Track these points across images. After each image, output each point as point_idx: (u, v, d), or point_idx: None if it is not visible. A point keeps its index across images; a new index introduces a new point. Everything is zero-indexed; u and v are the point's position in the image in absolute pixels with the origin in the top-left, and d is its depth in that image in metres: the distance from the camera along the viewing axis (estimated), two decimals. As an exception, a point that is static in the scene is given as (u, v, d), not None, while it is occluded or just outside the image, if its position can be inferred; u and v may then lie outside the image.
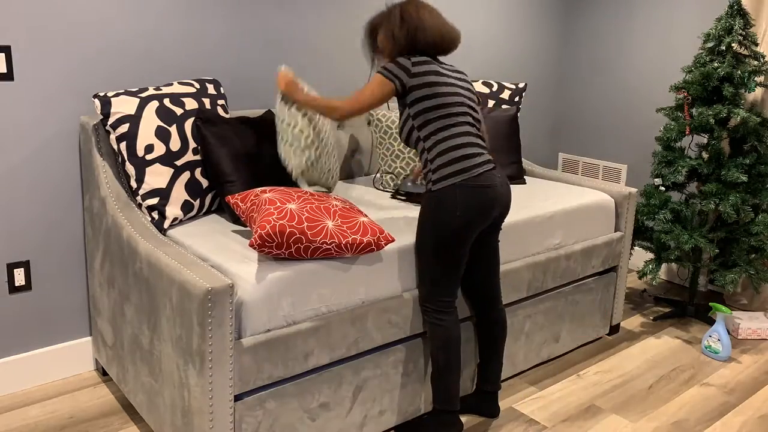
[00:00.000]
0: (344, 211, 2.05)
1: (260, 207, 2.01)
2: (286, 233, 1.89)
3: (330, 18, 3.09)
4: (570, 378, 2.72)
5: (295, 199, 2.02)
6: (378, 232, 2.03)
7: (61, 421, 2.33)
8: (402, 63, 2.10)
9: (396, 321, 2.17)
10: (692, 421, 2.44)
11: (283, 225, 1.89)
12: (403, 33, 2.14)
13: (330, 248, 1.96)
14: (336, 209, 2.05)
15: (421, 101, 2.09)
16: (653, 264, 3.18)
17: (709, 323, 3.27)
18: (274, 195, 2.04)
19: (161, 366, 1.99)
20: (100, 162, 2.34)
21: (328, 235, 1.95)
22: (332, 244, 1.95)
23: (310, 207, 2.00)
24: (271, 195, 2.05)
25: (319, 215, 1.98)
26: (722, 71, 2.99)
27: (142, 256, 2.02)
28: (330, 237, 1.95)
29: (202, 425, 1.81)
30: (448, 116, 2.09)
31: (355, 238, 1.98)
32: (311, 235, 1.92)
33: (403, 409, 2.28)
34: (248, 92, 2.90)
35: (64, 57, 2.41)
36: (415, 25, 2.13)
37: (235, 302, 1.83)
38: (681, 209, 3.16)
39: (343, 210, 2.06)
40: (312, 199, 2.06)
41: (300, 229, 1.91)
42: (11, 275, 2.44)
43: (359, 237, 1.99)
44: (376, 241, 2.02)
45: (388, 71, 2.11)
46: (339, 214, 2.02)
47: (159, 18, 2.59)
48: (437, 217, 2.07)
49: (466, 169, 2.06)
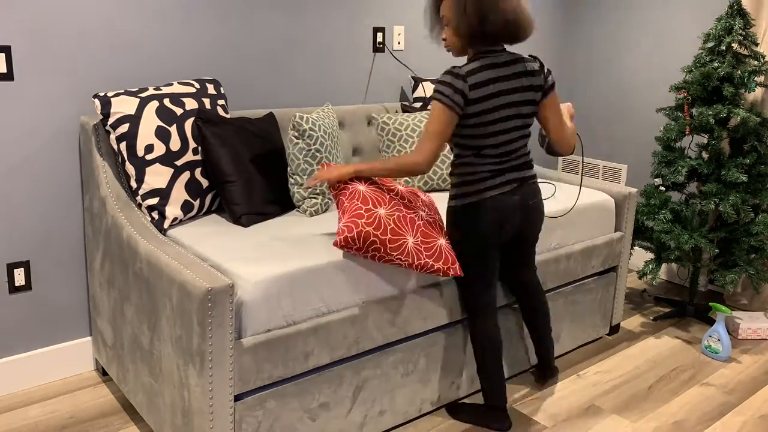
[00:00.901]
0: (427, 227, 2.10)
1: (352, 200, 2.03)
2: (369, 240, 1.94)
3: (330, 18, 3.09)
4: (570, 378, 2.72)
5: (386, 202, 2.05)
6: (451, 261, 2.09)
7: (61, 421, 2.33)
8: (458, 87, 2.01)
9: (396, 321, 2.17)
10: (692, 421, 2.44)
11: (368, 233, 1.94)
12: (475, 11, 1.98)
13: (402, 264, 2.01)
14: (420, 224, 2.09)
15: (471, 128, 2.08)
16: (653, 264, 3.18)
17: (709, 323, 3.27)
18: (368, 192, 2.06)
19: (161, 366, 1.99)
20: (100, 162, 2.34)
21: (405, 252, 2.00)
22: (405, 262, 2.00)
23: (398, 216, 2.03)
24: (365, 191, 2.06)
25: (403, 229, 2.02)
26: (722, 71, 2.99)
27: (142, 256, 2.02)
28: (406, 255, 2.00)
29: (202, 425, 1.81)
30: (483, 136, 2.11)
31: (428, 262, 2.04)
32: (390, 248, 1.97)
33: (403, 409, 2.28)
34: (248, 92, 2.90)
35: (64, 57, 2.41)
36: (487, 8, 1.98)
37: (235, 302, 1.83)
38: (681, 209, 3.16)
39: (426, 225, 2.11)
40: (401, 206, 2.09)
41: (382, 240, 1.96)
42: (11, 275, 2.44)
43: (432, 262, 2.04)
44: (445, 270, 2.08)
45: (445, 97, 2.01)
46: (421, 231, 2.07)
47: (159, 18, 2.59)
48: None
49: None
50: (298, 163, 2.46)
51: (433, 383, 2.36)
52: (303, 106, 3.08)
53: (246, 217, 2.33)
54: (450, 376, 2.40)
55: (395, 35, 3.32)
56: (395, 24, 3.32)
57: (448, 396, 2.42)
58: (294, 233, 2.23)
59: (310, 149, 2.46)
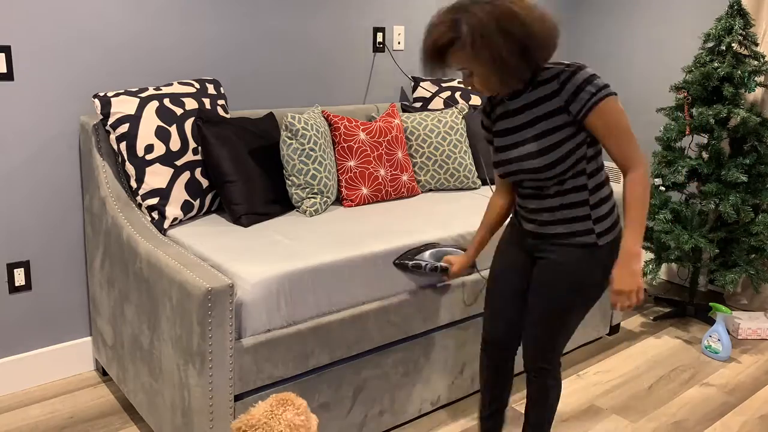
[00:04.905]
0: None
1: None
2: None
3: (331, 18, 3.09)
4: (570, 378, 2.72)
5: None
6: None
7: (61, 421, 2.33)
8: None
9: (396, 321, 2.17)
10: (692, 421, 2.44)
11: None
12: (512, 48, 1.58)
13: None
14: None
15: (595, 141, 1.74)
16: (653, 264, 3.18)
17: (709, 323, 3.27)
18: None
19: (161, 366, 1.99)
20: (100, 162, 2.34)
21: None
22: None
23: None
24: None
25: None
26: (722, 71, 2.99)
27: (142, 256, 2.02)
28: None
29: (202, 425, 1.81)
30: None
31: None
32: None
33: (403, 409, 2.28)
34: (248, 92, 2.90)
35: (64, 57, 2.41)
36: (526, 34, 1.58)
37: (235, 302, 1.83)
38: (681, 209, 3.16)
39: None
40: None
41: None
42: (11, 275, 2.44)
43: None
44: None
45: (607, 86, 1.64)
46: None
47: (159, 18, 2.59)
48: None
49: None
50: (293, 163, 2.46)
51: (433, 383, 2.36)
52: (303, 106, 3.08)
53: (246, 217, 2.33)
54: (450, 376, 2.40)
55: (395, 35, 3.32)
56: (395, 24, 3.32)
57: (448, 396, 2.42)
58: (294, 233, 2.23)
59: (304, 149, 2.46)
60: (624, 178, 1.71)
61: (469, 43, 1.58)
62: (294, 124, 2.45)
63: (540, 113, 1.70)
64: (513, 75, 1.62)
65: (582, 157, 1.70)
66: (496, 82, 1.65)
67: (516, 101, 1.74)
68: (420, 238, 2.24)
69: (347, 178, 2.65)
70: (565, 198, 1.74)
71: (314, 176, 2.49)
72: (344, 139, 2.67)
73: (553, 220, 1.76)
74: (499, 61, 1.58)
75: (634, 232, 1.67)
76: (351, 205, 2.65)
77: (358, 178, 2.66)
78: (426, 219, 2.47)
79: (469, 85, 1.70)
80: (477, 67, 1.63)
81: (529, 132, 1.72)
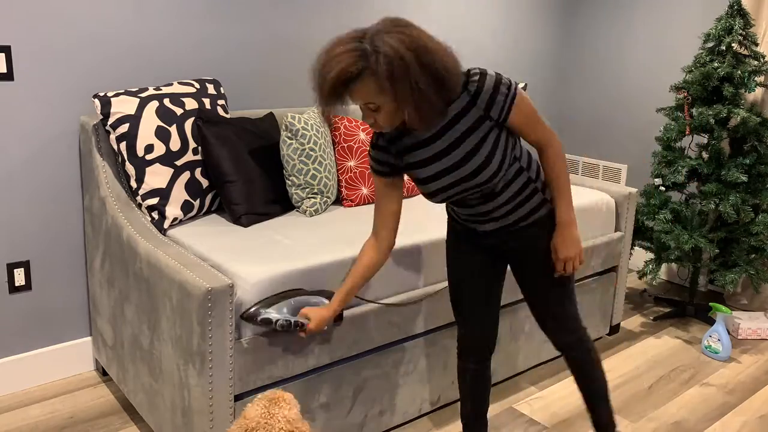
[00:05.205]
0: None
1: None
2: None
3: (330, 18, 3.09)
4: (570, 378, 2.72)
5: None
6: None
7: (61, 421, 2.33)
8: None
9: (396, 321, 2.17)
10: (692, 421, 2.44)
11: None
12: (429, 80, 1.52)
13: None
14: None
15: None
16: (653, 264, 3.18)
17: (709, 323, 3.27)
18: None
19: (161, 366, 1.99)
20: (100, 162, 2.34)
21: None
22: None
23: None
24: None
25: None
26: (722, 71, 2.99)
27: (142, 256, 2.02)
28: None
29: (202, 425, 1.81)
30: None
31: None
32: None
33: (403, 409, 2.28)
34: (248, 92, 2.90)
35: (64, 57, 2.41)
36: (441, 65, 1.53)
37: (235, 302, 1.83)
38: (681, 209, 3.16)
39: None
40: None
41: None
42: (11, 275, 2.44)
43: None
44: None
45: (510, 79, 1.67)
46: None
47: (159, 18, 2.59)
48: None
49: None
50: (293, 163, 2.46)
51: (433, 383, 2.36)
52: (303, 107, 3.08)
53: (246, 217, 2.33)
54: (450, 376, 2.40)
55: (395, 35, 3.32)
56: (395, 24, 3.31)
57: (448, 396, 2.42)
58: (294, 233, 2.23)
59: (304, 149, 2.47)
60: (542, 156, 1.78)
61: (385, 74, 1.47)
62: (294, 124, 2.45)
63: (463, 128, 1.66)
64: (431, 107, 1.55)
65: (511, 148, 1.73)
66: (412, 116, 1.55)
67: (429, 128, 1.68)
68: (420, 238, 2.24)
69: (347, 178, 2.66)
70: (513, 186, 1.77)
71: (314, 176, 2.49)
72: (344, 139, 2.67)
73: (511, 209, 1.80)
74: (417, 92, 1.50)
75: (566, 200, 1.79)
76: (351, 205, 2.65)
77: (358, 178, 2.66)
78: (426, 219, 2.47)
79: (371, 120, 1.59)
80: (387, 101, 1.53)
81: (459, 153, 1.68)
